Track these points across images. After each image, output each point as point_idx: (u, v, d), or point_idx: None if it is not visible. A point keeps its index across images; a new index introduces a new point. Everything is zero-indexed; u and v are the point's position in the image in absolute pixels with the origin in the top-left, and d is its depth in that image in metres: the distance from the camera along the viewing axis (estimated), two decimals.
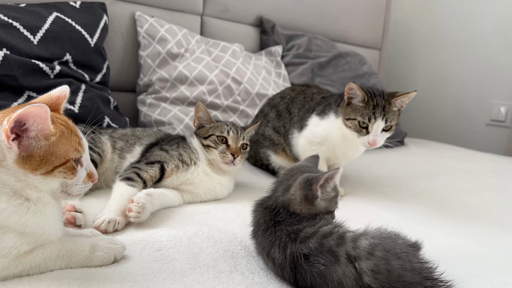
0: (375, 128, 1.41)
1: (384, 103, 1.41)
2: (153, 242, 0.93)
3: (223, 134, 1.36)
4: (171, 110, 1.92)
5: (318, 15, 2.89)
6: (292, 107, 1.71)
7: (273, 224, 0.83)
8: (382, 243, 0.74)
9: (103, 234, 0.96)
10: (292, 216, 0.84)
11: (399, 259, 0.71)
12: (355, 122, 1.43)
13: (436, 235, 1.19)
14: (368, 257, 0.71)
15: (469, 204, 1.58)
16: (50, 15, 1.64)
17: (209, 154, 1.34)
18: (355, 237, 0.76)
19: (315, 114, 1.60)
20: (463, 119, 3.48)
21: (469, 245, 1.13)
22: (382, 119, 1.40)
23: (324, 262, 0.72)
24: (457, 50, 3.49)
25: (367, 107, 1.41)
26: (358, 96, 1.43)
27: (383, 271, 0.69)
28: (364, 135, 1.43)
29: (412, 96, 1.44)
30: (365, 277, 0.69)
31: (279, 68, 2.49)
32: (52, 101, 0.84)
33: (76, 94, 1.58)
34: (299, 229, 0.79)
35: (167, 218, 1.10)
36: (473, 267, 0.97)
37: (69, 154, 0.74)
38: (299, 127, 1.64)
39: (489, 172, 2.21)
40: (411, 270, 0.71)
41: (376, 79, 2.76)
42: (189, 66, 2.01)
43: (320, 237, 0.76)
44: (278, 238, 0.80)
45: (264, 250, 0.82)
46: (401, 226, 1.23)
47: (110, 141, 1.36)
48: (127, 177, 1.16)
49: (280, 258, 0.78)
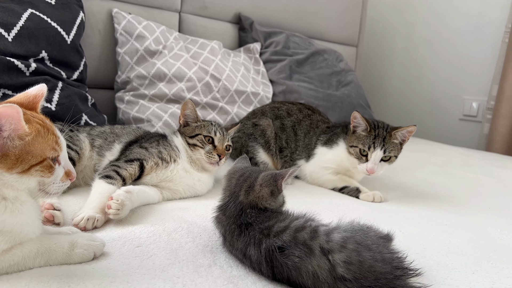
0: (373, 157, 1.50)
1: (385, 135, 1.51)
2: (132, 239, 0.94)
3: (210, 134, 1.38)
4: (149, 107, 1.92)
5: (295, 12, 2.92)
6: (299, 129, 1.77)
7: (245, 227, 0.85)
8: (353, 236, 0.78)
9: (82, 231, 0.96)
10: (261, 213, 0.87)
11: (370, 251, 0.75)
12: (356, 149, 1.54)
13: (409, 226, 1.23)
14: (341, 249, 0.74)
15: (441, 197, 1.64)
16: (25, 12, 1.61)
17: (194, 153, 1.35)
18: (328, 231, 0.79)
19: (321, 145, 1.68)
20: (437, 114, 3.58)
21: (440, 235, 1.18)
22: (381, 149, 1.50)
23: (299, 254, 0.75)
24: (431, 47, 3.57)
25: (368, 136, 1.52)
26: (361, 125, 1.54)
27: (355, 262, 0.72)
28: (363, 163, 1.53)
29: (412, 130, 1.52)
30: (338, 268, 0.72)
31: (258, 65, 2.51)
32: (29, 99, 0.84)
33: (53, 91, 1.57)
34: (270, 225, 0.83)
35: (146, 215, 1.11)
36: (442, 257, 1.02)
37: (45, 153, 0.74)
38: (306, 156, 1.71)
39: (461, 165, 2.29)
40: (381, 260, 0.74)
41: (352, 75, 2.81)
42: (167, 63, 2.01)
43: (293, 230, 0.79)
44: (252, 237, 0.82)
45: (241, 252, 0.84)
46: (375, 218, 1.28)
47: (88, 138, 1.36)
48: (106, 175, 1.16)
49: (256, 254, 0.81)
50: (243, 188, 0.90)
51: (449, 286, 0.86)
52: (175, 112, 1.92)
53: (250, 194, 0.89)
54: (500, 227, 1.30)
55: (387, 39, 3.87)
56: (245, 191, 0.90)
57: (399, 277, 0.74)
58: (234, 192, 0.92)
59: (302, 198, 1.45)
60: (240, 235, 0.85)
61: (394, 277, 0.73)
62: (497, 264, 0.99)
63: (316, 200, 1.45)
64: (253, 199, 0.89)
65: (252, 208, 0.88)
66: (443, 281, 0.88)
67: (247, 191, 0.90)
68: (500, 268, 0.98)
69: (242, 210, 0.88)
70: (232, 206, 0.90)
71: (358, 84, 2.81)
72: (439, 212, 1.43)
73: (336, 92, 2.59)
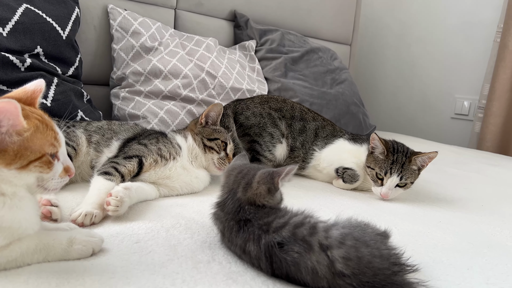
0: (389, 183, 1.46)
1: (404, 160, 1.47)
2: (131, 235, 0.94)
3: (226, 141, 1.42)
4: (145, 104, 1.91)
5: (290, 10, 2.92)
6: (321, 132, 1.78)
7: (244, 223, 0.85)
8: (352, 233, 0.79)
9: (80, 227, 0.96)
10: (260, 210, 0.87)
11: (368, 247, 0.76)
12: (373, 172, 1.51)
13: (404, 223, 1.25)
14: (339, 245, 0.75)
15: (434, 194, 1.66)
16: (20, 7, 1.59)
17: (206, 156, 1.38)
18: (327, 227, 0.80)
19: (344, 139, 1.69)
20: (429, 113, 3.61)
21: (434, 232, 1.19)
22: (397, 175, 1.46)
23: (298, 250, 0.76)
24: (423, 46, 3.60)
25: (386, 161, 1.48)
26: (378, 148, 1.52)
27: (354, 258, 0.73)
28: (378, 186, 1.50)
29: (433, 157, 1.48)
30: (337, 264, 0.73)
31: (253, 63, 2.51)
32: (27, 95, 0.83)
33: (48, 87, 1.56)
34: (269, 221, 0.83)
35: (144, 211, 1.11)
36: (438, 253, 1.03)
37: (44, 148, 0.74)
38: (323, 144, 1.71)
39: (453, 163, 2.31)
40: (379, 256, 0.75)
41: (347, 74, 2.83)
42: (163, 59, 2.00)
43: (293, 227, 0.80)
44: (251, 233, 0.83)
45: (240, 248, 0.85)
46: (371, 215, 1.29)
47: (85, 134, 1.35)
48: (105, 171, 1.16)
49: (255, 250, 0.81)
50: (241, 185, 0.91)
51: (445, 282, 0.88)
52: (170, 109, 1.92)
53: (248, 191, 0.89)
54: (493, 224, 1.32)
55: (381, 38, 3.89)
56: (243, 188, 0.90)
57: (396, 273, 0.75)
58: (232, 189, 0.92)
59: (298, 195, 1.46)
60: (239, 231, 0.85)
61: (391, 273, 0.74)
62: (491, 261, 1.01)
63: (311, 196, 1.47)
64: (251, 196, 0.89)
65: (250, 204, 0.88)
66: (439, 277, 0.90)
67: (245, 188, 0.90)
68: (494, 264, 0.99)
69: (241, 207, 0.88)
70: (230, 203, 0.90)
71: (352, 82, 2.82)
72: (433, 209, 1.44)
73: (331, 90, 2.60)
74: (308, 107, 1.93)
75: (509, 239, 1.19)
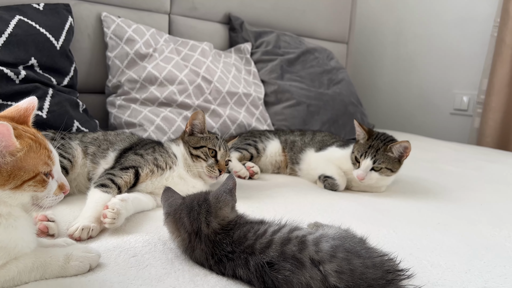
0: (363, 164, 1.57)
1: (381, 146, 1.58)
2: (128, 249, 0.95)
3: (215, 148, 1.40)
4: (141, 111, 1.91)
5: (285, 11, 2.91)
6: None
7: (226, 258, 0.82)
8: (343, 244, 0.78)
9: (77, 241, 0.96)
10: (229, 234, 0.85)
11: (360, 257, 0.75)
12: (353, 156, 1.64)
13: (402, 226, 1.24)
14: (331, 259, 0.74)
15: (432, 194, 1.66)
16: (13, 19, 1.60)
17: (195, 165, 1.37)
18: (316, 241, 0.78)
19: (336, 146, 1.80)
20: (428, 109, 3.60)
21: (433, 235, 1.19)
22: (371, 159, 1.56)
23: (289, 267, 0.74)
24: (420, 42, 3.59)
25: (364, 145, 1.60)
26: (360, 134, 1.64)
27: (347, 271, 0.72)
28: (356, 169, 1.60)
29: (407, 145, 1.55)
30: (330, 278, 0.72)
31: (249, 65, 2.51)
32: (20, 113, 0.83)
33: (43, 99, 1.56)
34: (250, 244, 0.81)
35: (141, 223, 1.11)
36: (436, 256, 1.03)
37: (38, 167, 0.74)
38: (318, 148, 1.84)
39: (451, 161, 2.31)
40: (372, 266, 0.74)
41: (344, 73, 2.82)
42: (158, 66, 2.00)
43: (279, 245, 0.78)
44: (236, 258, 0.81)
45: (231, 276, 0.82)
46: (369, 217, 1.30)
47: (80, 146, 1.35)
48: (101, 183, 1.16)
49: (245, 273, 0.79)
50: (202, 221, 0.87)
51: (442, 286, 0.88)
52: (167, 115, 1.92)
53: (211, 222, 0.87)
54: (492, 223, 1.32)
55: (377, 35, 3.88)
56: (205, 223, 0.87)
57: (391, 281, 0.75)
58: (193, 230, 0.87)
59: (297, 199, 1.46)
60: (220, 263, 0.83)
61: (386, 282, 0.74)
62: (489, 263, 1.01)
63: (310, 200, 1.46)
64: (218, 223, 0.87)
65: (219, 233, 0.86)
66: (437, 281, 0.90)
67: (207, 221, 0.87)
68: (492, 266, 0.99)
69: (214, 243, 0.85)
70: (200, 246, 0.86)
71: (349, 82, 2.81)
72: (431, 210, 1.44)
73: (328, 91, 2.59)
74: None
75: (507, 240, 1.19)
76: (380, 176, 1.58)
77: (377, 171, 1.57)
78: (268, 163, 1.90)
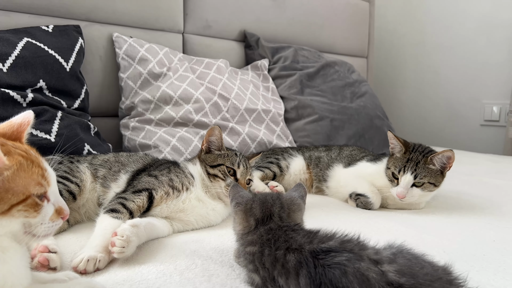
0: (403, 181, 1.41)
1: (420, 159, 1.42)
2: (139, 281, 0.82)
3: (233, 167, 1.27)
4: (156, 132, 1.81)
5: (302, 26, 2.83)
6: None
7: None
8: (401, 252, 0.71)
9: (83, 274, 0.84)
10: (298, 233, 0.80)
11: (422, 268, 0.66)
12: (389, 172, 1.47)
13: (452, 245, 1.09)
14: (391, 262, 0.67)
15: (479, 209, 1.49)
16: (21, 41, 1.54)
17: (213, 185, 1.24)
18: (376, 249, 0.73)
19: (366, 160, 1.66)
20: (456, 121, 3.43)
21: (491, 254, 1.03)
22: (411, 173, 1.40)
23: (347, 255, 0.67)
24: (443, 52, 3.45)
25: (402, 159, 1.44)
26: (396, 146, 1.49)
27: (408, 273, 0.64)
28: (395, 186, 1.44)
29: (450, 155, 1.39)
30: (390, 274, 0.64)
31: (267, 82, 2.40)
32: (13, 129, 0.74)
33: (51, 122, 1.47)
34: (312, 235, 0.77)
35: (155, 251, 0.98)
36: (500, 280, 0.88)
37: (29, 189, 0.63)
38: (346, 163, 1.69)
39: (492, 173, 2.13)
40: (437, 279, 0.65)
41: (366, 86, 2.69)
42: (172, 85, 1.91)
43: (339, 241, 0.73)
44: (293, 243, 0.75)
45: (278, 261, 0.73)
46: (412, 237, 1.14)
47: (90, 169, 1.25)
48: (111, 208, 1.04)
49: (295, 258, 0.71)
50: (275, 213, 0.85)
51: None
52: (183, 136, 1.82)
53: (283, 217, 0.85)
54: None
55: (398, 48, 3.76)
56: (278, 216, 0.84)
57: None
58: (262, 218, 0.84)
59: (328, 220, 1.31)
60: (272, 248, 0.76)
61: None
62: None
63: (342, 221, 1.31)
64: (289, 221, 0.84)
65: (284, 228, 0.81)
66: None
67: (279, 214, 0.85)
68: None
69: (275, 231, 0.80)
70: (262, 230, 0.81)
71: (373, 94, 2.68)
72: (482, 227, 1.27)
73: (351, 104, 2.46)
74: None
75: None
76: (422, 192, 1.41)
77: (419, 186, 1.41)
78: (292, 182, 1.75)
